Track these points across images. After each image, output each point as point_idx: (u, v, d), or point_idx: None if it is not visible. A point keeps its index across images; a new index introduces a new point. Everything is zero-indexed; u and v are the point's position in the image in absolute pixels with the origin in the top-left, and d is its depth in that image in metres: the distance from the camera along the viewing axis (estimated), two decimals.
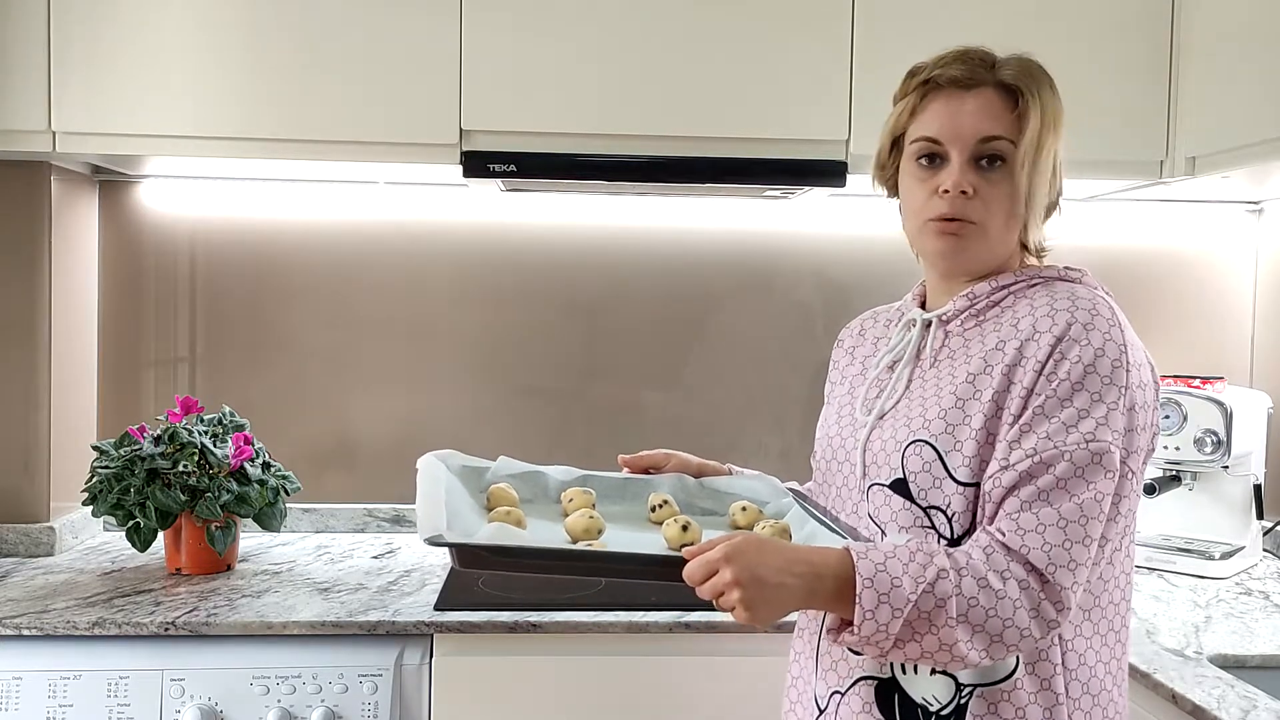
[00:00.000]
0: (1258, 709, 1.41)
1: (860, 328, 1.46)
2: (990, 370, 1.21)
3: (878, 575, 1.09)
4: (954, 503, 1.19)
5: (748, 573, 1.07)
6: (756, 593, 1.08)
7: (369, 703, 1.76)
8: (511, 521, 1.26)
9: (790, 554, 1.11)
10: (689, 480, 1.47)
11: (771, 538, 1.14)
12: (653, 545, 1.30)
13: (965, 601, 1.09)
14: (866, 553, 1.10)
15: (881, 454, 1.26)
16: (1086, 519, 1.13)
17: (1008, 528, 1.14)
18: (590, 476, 1.48)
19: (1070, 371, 1.15)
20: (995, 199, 1.23)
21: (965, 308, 1.27)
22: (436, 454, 1.43)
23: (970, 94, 1.24)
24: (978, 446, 1.18)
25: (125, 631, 1.75)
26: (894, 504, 1.23)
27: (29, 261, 2.20)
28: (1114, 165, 2.10)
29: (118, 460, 2.02)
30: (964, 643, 1.09)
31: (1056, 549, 1.12)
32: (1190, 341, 2.51)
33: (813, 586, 1.09)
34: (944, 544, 1.20)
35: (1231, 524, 2.20)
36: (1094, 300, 1.20)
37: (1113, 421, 1.15)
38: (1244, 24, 1.89)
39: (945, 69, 1.25)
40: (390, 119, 2.01)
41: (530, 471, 1.47)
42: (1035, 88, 1.23)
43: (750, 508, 1.40)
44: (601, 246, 2.46)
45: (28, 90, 1.96)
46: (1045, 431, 1.15)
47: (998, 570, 1.11)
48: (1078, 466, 1.13)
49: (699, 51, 2.04)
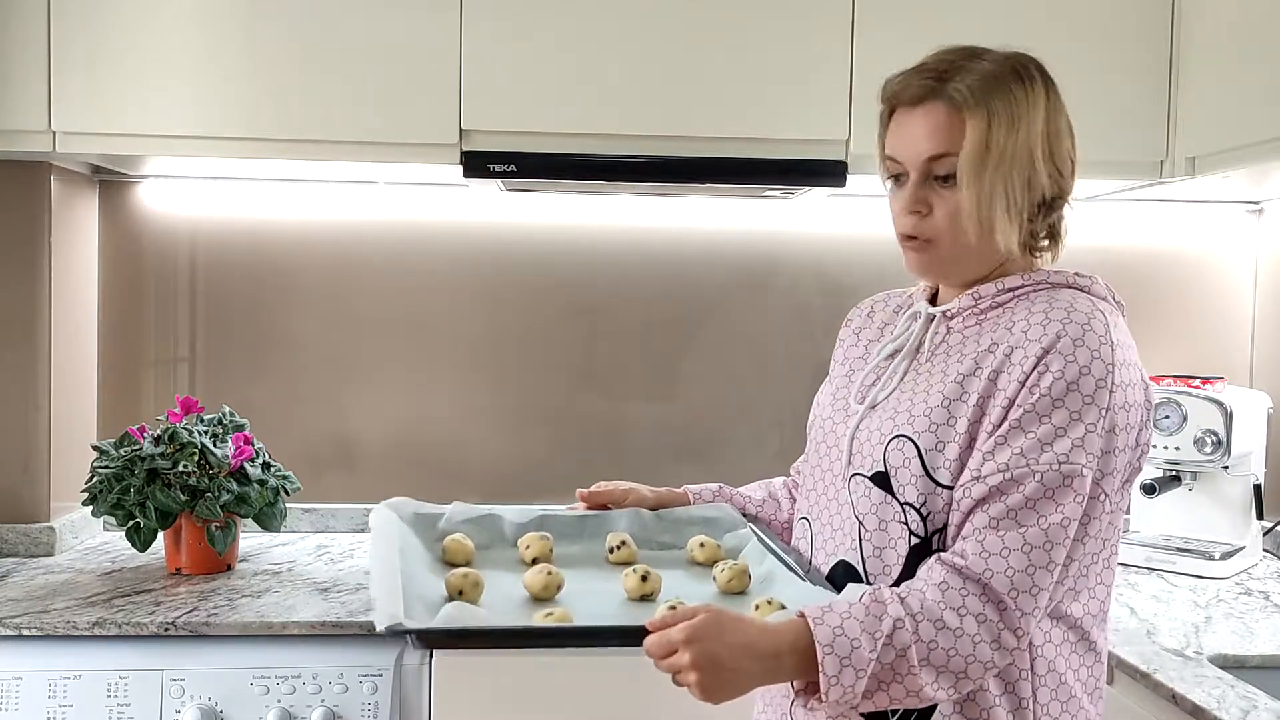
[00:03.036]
0: (1258, 709, 1.41)
1: (870, 309, 1.46)
2: (979, 373, 1.20)
3: (836, 640, 1.08)
4: (929, 501, 1.19)
5: (705, 657, 1.07)
6: (713, 677, 1.07)
7: (369, 703, 1.76)
8: (469, 584, 1.25)
9: (750, 635, 1.09)
10: (645, 514, 1.48)
11: (734, 615, 1.11)
12: (614, 596, 1.30)
13: (925, 647, 1.09)
14: (822, 618, 1.09)
15: (867, 445, 1.26)
16: (1051, 544, 1.13)
17: (972, 549, 1.13)
18: (547, 517, 1.48)
19: (1052, 386, 1.14)
20: (946, 214, 1.23)
21: (969, 306, 1.27)
22: (389, 503, 1.44)
23: (919, 110, 1.24)
24: (959, 450, 1.18)
25: (125, 631, 1.75)
26: (874, 496, 1.24)
27: (29, 261, 2.20)
28: (1114, 165, 2.09)
29: (118, 460, 2.02)
30: (929, 686, 1.10)
31: (1019, 574, 1.12)
32: (1190, 341, 2.51)
33: (772, 667, 1.09)
34: (915, 541, 1.20)
35: (1231, 524, 2.20)
36: (1090, 314, 1.18)
37: (1089, 443, 1.14)
38: (1244, 24, 1.89)
39: (900, 88, 1.25)
40: (390, 119, 2.01)
41: (484, 515, 1.47)
42: (979, 97, 1.20)
43: (708, 543, 1.42)
44: (601, 246, 2.46)
45: (28, 90, 1.96)
46: (1020, 447, 1.14)
47: (954, 607, 1.11)
48: (1047, 488, 1.13)
49: (699, 51, 2.04)
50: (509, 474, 2.43)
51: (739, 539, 1.43)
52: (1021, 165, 1.21)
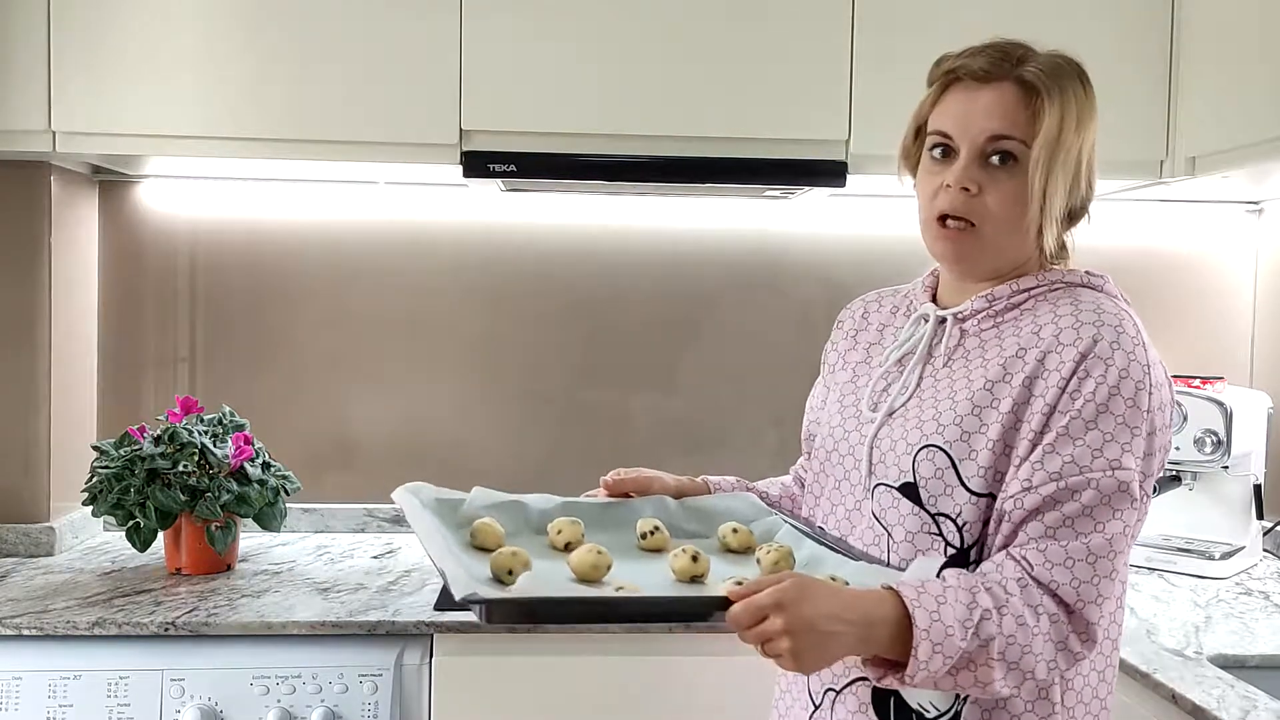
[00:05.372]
0: (1258, 709, 1.41)
1: (863, 310, 1.42)
2: (1010, 379, 1.18)
3: (933, 626, 1.05)
4: (965, 512, 1.17)
5: (799, 621, 1.01)
6: (807, 641, 1.02)
7: (369, 703, 1.76)
8: (519, 563, 1.17)
9: (841, 599, 1.05)
10: (670, 502, 1.42)
11: (817, 579, 1.08)
12: (661, 578, 1.24)
13: (1005, 640, 1.07)
14: (919, 600, 1.06)
15: (890, 454, 1.23)
16: (1114, 553, 1.12)
17: (1035, 559, 1.11)
18: (570, 504, 1.42)
19: (1096, 392, 1.13)
20: (999, 199, 1.19)
21: (983, 308, 1.24)
22: (407, 488, 1.37)
23: (987, 88, 1.20)
24: (993, 457, 1.16)
25: (125, 631, 1.75)
26: (902, 507, 1.21)
27: (29, 261, 2.20)
28: (1114, 165, 2.08)
29: (118, 460, 2.02)
30: (999, 680, 1.08)
31: (1085, 585, 1.11)
32: (1190, 341, 2.51)
33: (865, 635, 1.05)
34: (951, 552, 1.18)
35: (1231, 524, 2.20)
36: (1120, 315, 1.17)
37: (1136, 448, 1.13)
38: (1244, 24, 1.89)
39: (967, 60, 1.21)
40: (390, 119, 2.01)
41: (509, 502, 1.41)
42: (1057, 86, 1.18)
43: (741, 529, 1.35)
44: (602, 246, 2.46)
45: (28, 90, 1.96)
46: (1070, 455, 1.12)
47: (1032, 605, 1.10)
48: (1104, 495, 1.12)
49: (699, 51, 2.04)
50: (509, 474, 2.42)
51: (769, 526, 1.37)
52: (1077, 165, 1.20)
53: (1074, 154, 1.19)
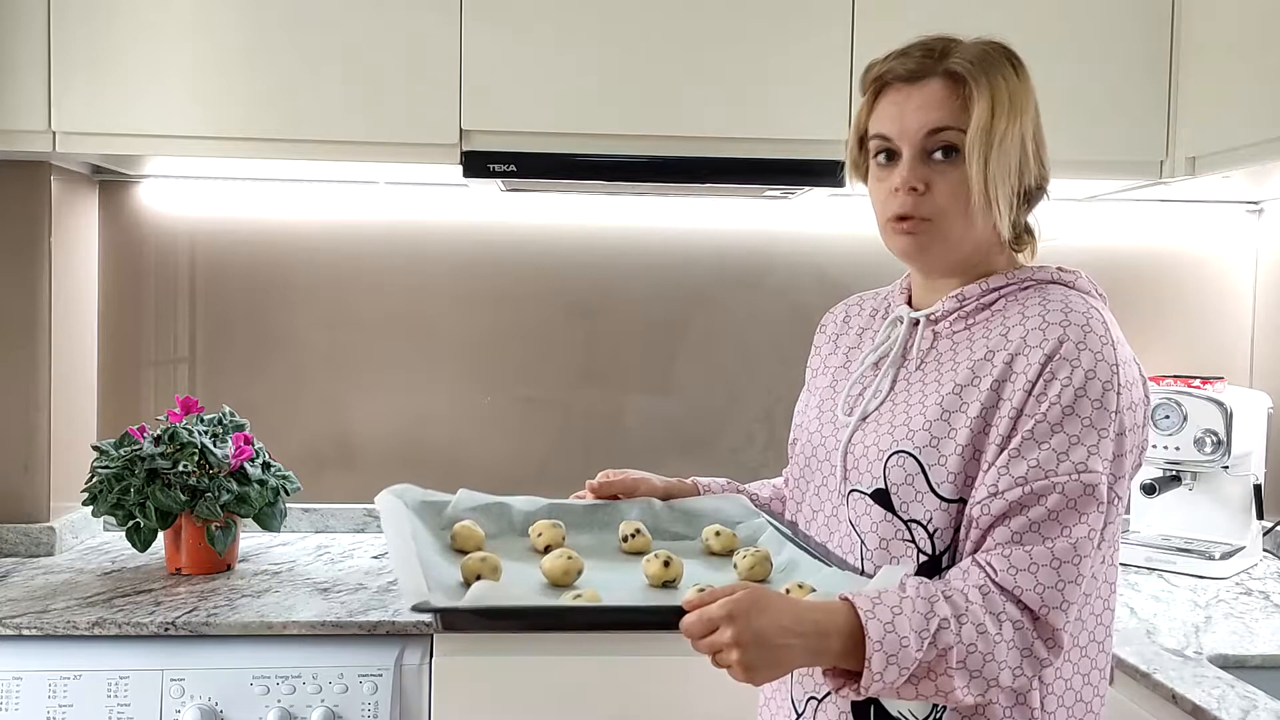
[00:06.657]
0: (1258, 709, 1.41)
1: (845, 314, 1.43)
2: (978, 382, 1.17)
3: (886, 637, 1.04)
4: (936, 518, 1.17)
5: (749, 633, 1.01)
6: (757, 654, 1.02)
7: (369, 703, 1.76)
8: (487, 568, 1.20)
9: (794, 611, 1.04)
10: (656, 504, 1.43)
11: (775, 592, 1.08)
12: (634, 583, 1.25)
13: (964, 649, 1.07)
14: (873, 611, 1.05)
15: (864, 460, 1.23)
16: (1079, 557, 1.11)
17: (999, 565, 1.11)
18: (555, 505, 1.43)
19: (1061, 394, 1.12)
20: (948, 192, 1.19)
21: (954, 309, 1.24)
22: (392, 490, 1.39)
23: (916, 87, 1.21)
24: (962, 462, 1.16)
25: (125, 631, 1.75)
26: (874, 514, 1.21)
27: (29, 261, 2.20)
28: (1114, 165, 2.10)
29: (118, 460, 2.02)
30: (960, 689, 1.07)
31: (1050, 590, 1.10)
32: (1190, 341, 2.51)
33: (817, 647, 1.04)
34: (923, 559, 1.17)
35: (1231, 524, 2.20)
36: (1088, 314, 1.16)
37: (1103, 449, 1.12)
38: (1244, 24, 1.89)
39: (894, 64, 1.22)
40: (390, 119, 2.01)
41: (493, 503, 1.42)
42: (984, 73, 1.18)
43: (724, 532, 1.36)
44: (601, 246, 2.46)
45: (28, 90, 1.96)
46: (1036, 459, 1.11)
47: (994, 612, 1.09)
48: (1069, 499, 1.11)
49: (699, 51, 2.04)
50: (508, 473, 2.42)
51: (754, 529, 1.38)
52: (1019, 148, 1.19)
53: (1012, 138, 1.18)
